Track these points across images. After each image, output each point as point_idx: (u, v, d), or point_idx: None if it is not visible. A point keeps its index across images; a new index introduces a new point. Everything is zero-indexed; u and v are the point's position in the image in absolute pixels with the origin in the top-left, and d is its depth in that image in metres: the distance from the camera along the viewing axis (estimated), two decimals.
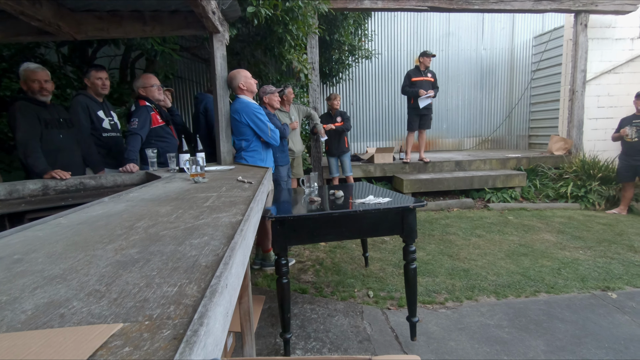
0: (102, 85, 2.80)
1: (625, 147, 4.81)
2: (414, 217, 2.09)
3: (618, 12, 5.82)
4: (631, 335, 2.22)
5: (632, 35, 6.27)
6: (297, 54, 4.06)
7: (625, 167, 4.81)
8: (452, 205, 5.40)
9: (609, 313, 2.49)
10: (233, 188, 1.64)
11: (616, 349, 2.09)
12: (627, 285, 2.87)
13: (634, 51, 6.28)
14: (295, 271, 3.31)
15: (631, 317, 2.42)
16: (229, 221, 1.03)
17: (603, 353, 2.06)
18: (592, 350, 2.09)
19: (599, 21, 6.04)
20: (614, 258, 3.40)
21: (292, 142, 4.25)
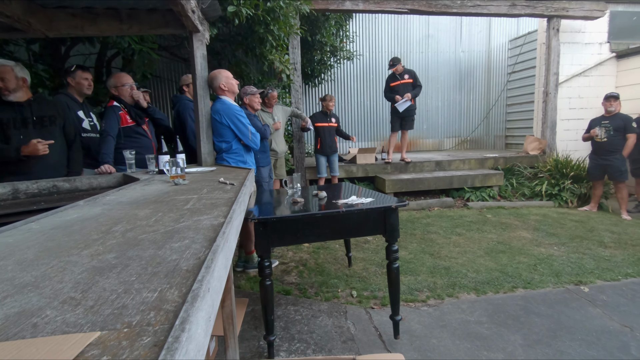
0: (87, 86, 2.80)
1: (595, 147, 5.03)
2: (396, 217, 2.11)
3: (587, 18, 6.08)
4: (602, 328, 2.32)
5: (600, 40, 6.56)
6: (278, 54, 4.04)
7: (595, 166, 5.03)
8: (432, 205, 5.50)
9: (582, 306, 2.59)
10: (214, 190, 1.62)
11: (589, 341, 2.18)
12: (598, 279, 3.00)
13: (602, 55, 6.58)
14: (279, 272, 3.30)
15: (602, 310, 2.53)
16: (211, 224, 1.02)
17: (577, 345, 2.14)
18: (566, 342, 2.17)
19: (570, 26, 6.30)
20: (585, 253, 3.54)
21: (275, 143, 4.23)
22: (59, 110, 2.53)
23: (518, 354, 2.08)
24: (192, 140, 3.35)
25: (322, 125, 5.10)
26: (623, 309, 2.53)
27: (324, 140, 5.10)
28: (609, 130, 4.80)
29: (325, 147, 5.12)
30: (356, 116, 8.36)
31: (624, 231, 4.22)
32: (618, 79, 6.62)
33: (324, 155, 5.17)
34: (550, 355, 2.06)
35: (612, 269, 3.16)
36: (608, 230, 4.25)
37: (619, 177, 4.81)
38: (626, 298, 2.69)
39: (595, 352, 2.08)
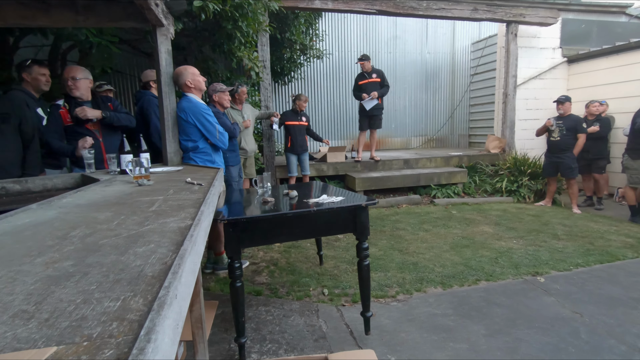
0: (45, 82, 2.67)
1: (549, 145, 5.36)
2: (366, 215, 2.15)
3: (542, 24, 6.47)
4: (556, 315, 2.49)
5: (553, 45, 7.00)
6: (247, 51, 3.97)
7: (549, 163, 5.37)
8: (401, 202, 5.64)
9: (538, 296, 2.76)
10: (181, 190, 1.56)
11: (544, 328, 2.33)
12: (553, 270, 3.20)
13: (555, 59, 7.03)
14: (249, 273, 3.25)
15: (556, 299, 2.71)
16: (178, 226, 0.98)
17: (533, 332, 2.28)
18: (524, 330, 2.31)
19: (526, 31, 6.66)
20: (541, 246, 3.77)
21: (245, 142, 4.17)
22: (14, 108, 2.36)
23: (481, 343, 2.18)
24: (157, 139, 3.22)
25: (292, 124, 5.08)
26: (574, 297, 2.73)
27: (294, 138, 5.08)
28: (562, 130, 5.14)
29: (296, 145, 5.10)
30: (326, 115, 8.40)
31: (575, 224, 4.54)
32: (569, 82, 7.10)
33: (294, 154, 5.15)
34: (509, 343, 2.18)
35: (564, 260, 3.39)
36: (561, 224, 4.55)
37: (569, 174, 5.15)
38: (577, 286, 2.90)
39: (549, 338, 2.22)
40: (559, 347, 2.13)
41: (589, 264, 3.32)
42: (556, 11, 6.46)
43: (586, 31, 7.03)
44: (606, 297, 2.71)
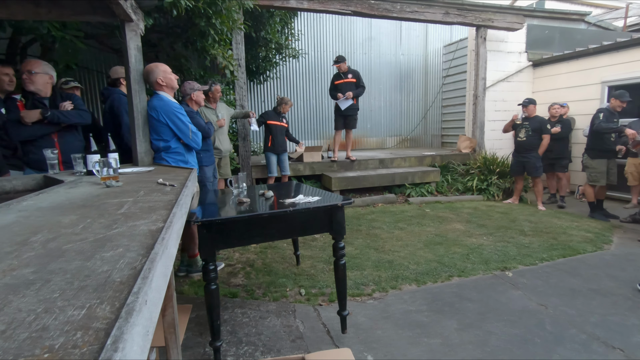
0: (8, 82, 2.56)
1: (516, 145, 5.60)
2: (342, 215, 2.16)
3: (509, 29, 6.74)
4: (523, 307, 2.60)
5: (519, 50, 7.31)
6: (221, 49, 3.90)
7: (516, 163, 5.61)
8: (376, 201, 5.72)
9: (506, 290, 2.88)
10: (152, 192, 1.52)
11: (512, 320, 2.43)
12: (520, 265, 3.35)
13: (521, 63, 7.35)
14: (225, 275, 3.20)
15: (523, 292, 2.84)
16: (148, 229, 0.95)
17: (502, 325, 2.38)
18: (494, 323, 2.40)
19: (495, 36, 6.92)
20: (509, 242, 3.94)
21: (219, 141, 4.09)
22: None
23: (453, 337, 2.25)
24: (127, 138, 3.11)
25: (274, 124, 5.10)
26: (539, 290, 2.86)
27: (275, 138, 5.09)
28: (528, 131, 5.38)
29: (277, 145, 5.11)
30: (302, 114, 8.39)
31: (540, 220, 4.77)
32: (534, 84, 7.44)
33: (274, 154, 5.15)
34: (480, 336, 2.26)
35: (530, 255, 3.55)
36: (527, 220, 4.77)
37: (535, 173, 5.41)
38: (542, 280, 3.04)
39: (517, 330, 2.32)
40: (526, 338, 2.23)
41: (553, 258, 3.49)
42: (522, 17, 6.76)
43: (549, 37, 7.39)
44: (568, 289, 2.87)
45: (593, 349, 2.12)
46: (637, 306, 2.60)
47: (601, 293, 2.80)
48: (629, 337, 2.24)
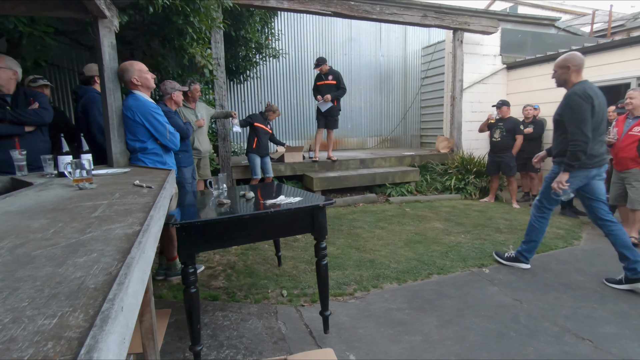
0: None
1: (491, 145, 5.78)
2: (324, 215, 2.17)
3: (484, 32, 6.94)
4: (499, 303, 2.69)
5: (494, 53, 7.54)
6: (200, 48, 3.83)
7: (491, 162, 5.78)
8: (357, 201, 5.77)
9: (484, 286, 2.96)
10: (128, 194, 1.47)
11: (489, 316, 2.50)
12: (496, 261, 3.45)
13: (496, 66, 7.58)
14: (205, 278, 3.14)
15: (499, 288, 2.93)
16: (124, 233, 0.92)
17: (480, 320, 2.44)
18: (472, 319, 2.46)
19: (471, 39, 7.11)
20: (486, 239, 4.05)
21: (198, 141, 4.02)
22: None
23: (433, 334, 2.29)
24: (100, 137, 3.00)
25: (261, 127, 5.14)
26: (514, 285, 2.96)
27: (260, 140, 5.12)
28: (502, 132, 5.55)
29: (261, 148, 5.14)
30: (283, 115, 8.34)
31: (514, 218, 4.93)
32: (508, 87, 7.69)
33: (259, 156, 5.15)
34: (459, 332, 2.31)
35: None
36: (502, 218, 4.92)
37: (509, 172, 5.59)
38: (516, 276, 3.15)
39: (493, 325, 2.39)
40: (502, 332, 2.31)
41: None
42: (496, 21, 6.98)
43: (522, 41, 7.66)
44: (541, 284, 2.98)
45: (565, 341, 2.21)
46: (605, 299, 2.73)
47: (571, 287, 2.93)
48: (597, 328, 2.35)
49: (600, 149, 2.89)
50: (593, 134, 2.78)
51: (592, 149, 2.82)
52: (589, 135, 2.75)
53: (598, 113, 2.80)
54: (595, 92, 2.83)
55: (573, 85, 2.92)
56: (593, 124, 2.78)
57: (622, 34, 9.77)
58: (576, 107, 2.79)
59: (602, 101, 2.86)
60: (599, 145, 2.88)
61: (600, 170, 2.91)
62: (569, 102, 2.87)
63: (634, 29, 9.90)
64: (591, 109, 2.77)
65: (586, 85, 2.86)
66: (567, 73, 2.95)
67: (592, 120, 2.78)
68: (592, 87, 2.87)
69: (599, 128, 2.85)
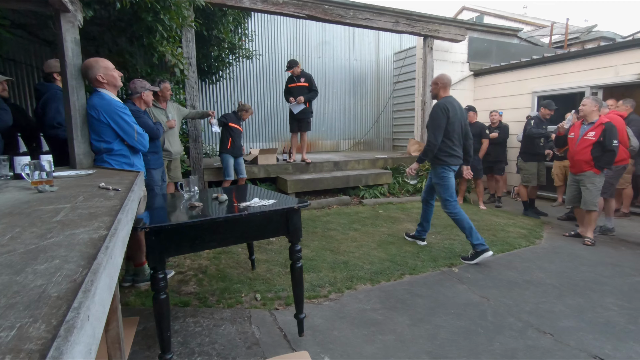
0: None
1: None
2: (298, 218, 2.16)
3: (453, 40, 7.21)
4: (467, 301, 2.78)
5: (462, 60, 7.84)
6: (170, 46, 3.73)
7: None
8: (331, 203, 5.80)
9: (453, 285, 3.06)
10: (93, 197, 1.40)
11: (458, 313, 2.59)
12: (465, 260, 3.58)
13: (464, 72, 7.88)
14: (175, 283, 3.05)
15: (467, 286, 3.03)
16: (89, 237, 0.88)
17: (450, 318, 2.52)
18: (442, 317, 2.54)
19: (441, 46, 7.36)
20: (455, 239, 4.19)
21: (169, 142, 3.89)
22: None
23: (406, 333, 2.34)
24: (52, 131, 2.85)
25: (235, 127, 5.08)
26: (481, 283, 3.08)
27: (234, 141, 5.07)
28: None
29: (235, 148, 5.08)
30: (256, 116, 8.26)
31: (481, 219, 5.13)
32: (475, 93, 8.02)
33: (233, 156, 5.09)
34: (430, 330, 2.37)
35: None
36: (470, 219, 5.09)
37: (476, 175, 5.82)
38: (483, 274, 3.28)
39: (462, 322, 2.48)
40: (470, 329, 2.39)
41: (493, 254, 3.77)
42: (464, 29, 7.27)
43: (488, 49, 8.02)
44: (506, 282, 3.12)
45: (528, 335, 2.32)
46: (564, 294, 2.89)
47: (534, 283, 3.08)
48: (556, 322, 2.48)
49: (458, 150, 3.62)
50: (449, 138, 3.53)
51: (451, 150, 3.56)
52: (438, 139, 3.50)
53: (453, 123, 3.51)
54: (453, 106, 3.53)
55: (440, 99, 3.63)
56: (449, 130, 3.51)
57: (578, 45, 10.46)
58: (435, 117, 3.52)
59: (459, 113, 3.57)
60: (459, 147, 3.64)
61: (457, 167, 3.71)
62: (432, 112, 3.59)
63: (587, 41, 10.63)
64: (447, 120, 3.48)
65: (447, 100, 3.55)
66: (437, 89, 3.65)
67: (448, 127, 3.50)
68: (452, 102, 3.55)
69: (454, 134, 3.55)
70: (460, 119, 3.59)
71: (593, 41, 10.24)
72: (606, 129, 3.90)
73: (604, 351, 2.16)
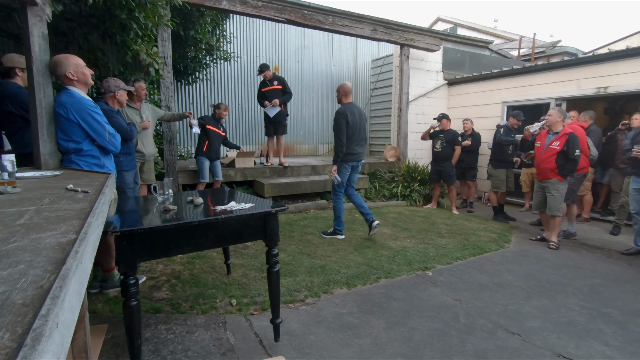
0: None
1: (433, 155, 6.16)
2: (276, 222, 2.15)
3: (428, 50, 7.43)
4: (441, 303, 2.85)
5: (437, 69, 8.09)
6: (145, 45, 3.63)
7: (434, 171, 6.17)
8: (309, 207, 5.80)
9: (427, 288, 3.12)
10: (61, 199, 1.34)
11: (432, 316, 2.65)
12: (438, 264, 3.67)
13: (438, 81, 8.13)
14: (147, 289, 2.94)
15: (441, 289, 3.11)
16: (57, 242, 0.84)
17: (424, 321, 2.57)
18: (417, 319, 2.59)
19: (417, 55, 7.56)
20: (429, 243, 4.29)
21: (142, 144, 3.78)
22: None
23: (381, 336, 2.37)
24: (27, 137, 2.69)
25: (213, 130, 5.01)
26: (454, 286, 3.17)
27: (212, 144, 4.99)
28: (443, 142, 5.96)
29: (212, 151, 5.01)
30: (234, 119, 8.17)
31: (454, 223, 5.29)
32: (449, 101, 8.28)
33: (208, 159, 5.01)
34: (405, 333, 2.41)
35: (447, 255, 3.91)
36: (444, 223, 5.25)
37: (449, 180, 6.00)
38: (456, 277, 3.37)
39: (436, 324, 2.53)
40: (444, 331, 2.45)
41: (465, 257, 3.90)
42: (439, 40, 7.50)
43: (461, 59, 8.32)
44: (477, 284, 3.22)
45: (497, 336, 2.41)
46: (531, 296, 3.02)
47: (503, 286, 3.20)
48: (524, 322, 2.59)
49: (356, 149, 4.17)
50: (349, 139, 4.06)
51: (351, 149, 4.10)
52: (343, 141, 4.02)
53: (352, 127, 4.06)
54: (352, 112, 4.08)
55: (342, 105, 4.15)
56: (349, 133, 4.04)
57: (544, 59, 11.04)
58: (337, 122, 4.04)
59: (357, 118, 4.12)
60: (358, 147, 4.18)
61: (357, 164, 4.28)
62: (334, 118, 4.10)
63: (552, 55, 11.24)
64: (346, 123, 4.01)
65: (347, 106, 4.09)
66: (340, 95, 4.17)
67: (348, 130, 4.04)
68: (351, 108, 4.10)
69: (354, 136, 4.09)
70: (358, 123, 4.13)
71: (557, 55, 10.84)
72: (569, 139, 4.13)
73: (567, 350, 2.27)
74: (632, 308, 2.84)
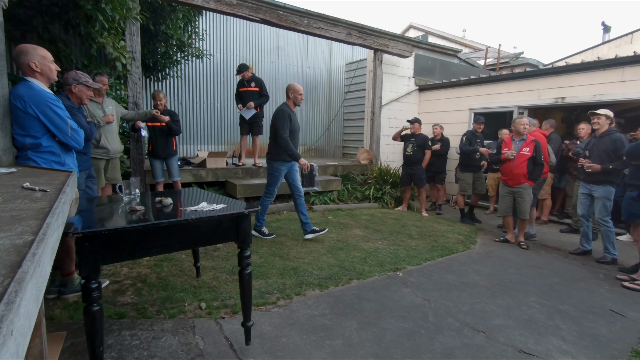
0: None
1: (404, 159, 6.31)
2: (248, 223, 2.11)
3: (401, 56, 7.61)
4: (411, 303, 2.92)
5: (409, 75, 8.30)
6: (112, 38, 3.47)
7: (405, 174, 6.32)
8: (282, 209, 5.76)
9: (398, 289, 3.18)
10: (16, 198, 1.25)
11: (403, 316, 2.70)
12: (409, 265, 3.75)
13: (410, 87, 8.35)
14: (110, 293, 2.80)
15: (411, 289, 3.18)
16: (12, 243, 0.78)
17: (395, 321, 2.62)
18: (388, 320, 2.63)
19: (390, 60, 7.72)
20: (400, 245, 4.38)
21: (106, 139, 3.60)
22: None
23: (353, 337, 2.39)
24: None
25: (152, 125, 4.59)
26: (424, 287, 3.25)
27: (155, 141, 4.60)
28: (414, 146, 6.12)
29: (158, 149, 4.60)
30: (206, 118, 7.98)
31: (424, 225, 5.43)
32: (420, 106, 8.52)
33: (157, 159, 4.68)
34: (377, 333, 2.44)
35: (417, 256, 4.01)
36: (414, 225, 5.38)
37: (419, 183, 6.17)
38: (426, 277, 3.46)
39: (407, 324, 2.59)
40: (414, 330, 2.50)
41: (434, 258, 4.01)
42: (411, 46, 7.71)
43: (432, 66, 8.58)
44: (445, 284, 3.32)
45: (464, 334, 2.49)
46: (495, 295, 3.15)
47: (469, 285, 3.32)
48: (489, 320, 2.70)
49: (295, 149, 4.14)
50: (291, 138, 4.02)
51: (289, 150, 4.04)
52: (287, 132, 4.00)
53: (293, 126, 4.12)
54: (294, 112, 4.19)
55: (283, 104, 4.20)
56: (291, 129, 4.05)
57: (508, 69, 11.62)
58: (281, 117, 4.05)
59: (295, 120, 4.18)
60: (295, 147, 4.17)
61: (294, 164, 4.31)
62: (278, 114, 4.11)
63: (516, 66, 11.85)
64: (290, 122, 4.06)
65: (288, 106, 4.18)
66: (288, 95, 4.25)
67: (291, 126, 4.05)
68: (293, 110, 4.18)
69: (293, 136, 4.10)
70: (296, 125, 4.22)
71: (520, 66, 11.45)
72: (536, 145, 4.41)
73: (528, 345, 2.39)
74: (585, 305, 3.03)
